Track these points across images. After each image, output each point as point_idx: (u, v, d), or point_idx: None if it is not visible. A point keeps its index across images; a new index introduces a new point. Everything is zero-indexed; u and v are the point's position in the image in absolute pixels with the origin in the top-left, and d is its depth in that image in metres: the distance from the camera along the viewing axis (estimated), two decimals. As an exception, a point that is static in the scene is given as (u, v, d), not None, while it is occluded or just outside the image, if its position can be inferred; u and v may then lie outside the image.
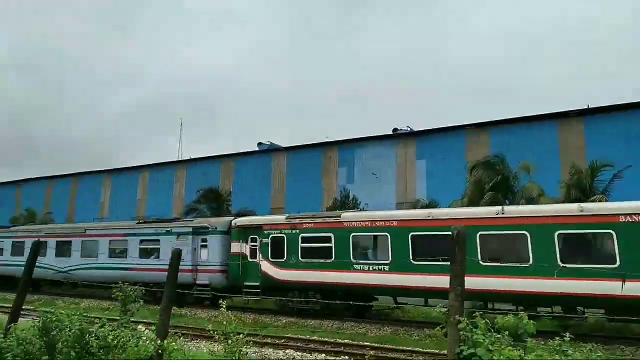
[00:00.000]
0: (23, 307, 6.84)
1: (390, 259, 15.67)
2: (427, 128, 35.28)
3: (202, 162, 45.03)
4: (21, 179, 57.85)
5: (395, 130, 36.68)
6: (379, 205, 29.00)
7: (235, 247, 20.04)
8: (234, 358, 5.19)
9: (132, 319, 6.35)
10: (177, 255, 5.81)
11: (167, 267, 5.73)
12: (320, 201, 35.27)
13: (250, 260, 19.53)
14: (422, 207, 23.94)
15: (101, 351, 5.40)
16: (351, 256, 16.63)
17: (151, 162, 48.26)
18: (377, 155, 36.44)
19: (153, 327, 6.02)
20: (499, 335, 4.13)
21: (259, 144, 44.56)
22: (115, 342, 5.47)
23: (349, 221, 17.31)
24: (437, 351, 10.02)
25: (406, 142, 35.81)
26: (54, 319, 5.72)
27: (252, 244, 19.64)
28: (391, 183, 35.36)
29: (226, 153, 43.59)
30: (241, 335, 5.30)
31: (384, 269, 15.71)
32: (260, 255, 19.22)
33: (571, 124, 30.56)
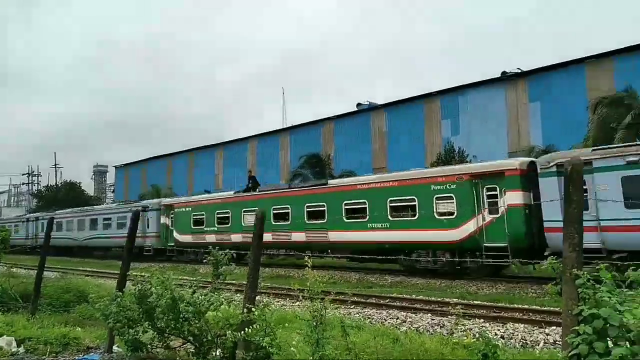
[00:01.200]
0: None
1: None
2: (538, 67, 31.85)
3: (304, 128, 45.55)
4: (146, 157, 63.46)
5: (504, 73, 33.61)
6: (490, 156, 26.64)
7: (163, 220, 29.20)
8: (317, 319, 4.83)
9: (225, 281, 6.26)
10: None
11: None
12: (423, 157, 33.90)
13: (170, 229, 28.35)
14: (536, 155, 21.71)
15: (194, 317, 5.38)
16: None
17: (256, 133, 49.94)
18: (483, 102, 33.83)
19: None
20: (631, 292, 3.27)
21: (358, 104, 43.84)
22: (206, 307, 5.43)
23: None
24: (557, 308, 8.95)
25: (516, 84, 32.73)
26: (148, 286, 5.80)
27: (170, 217, 28.58)
28: (501, 131, 32.76)
29: (325, 117, 43.50)
30: (326, 298, 4.90)
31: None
32: (172, 225, 28.24)
33: None
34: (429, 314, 10.02)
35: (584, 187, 13.26)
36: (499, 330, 8.60)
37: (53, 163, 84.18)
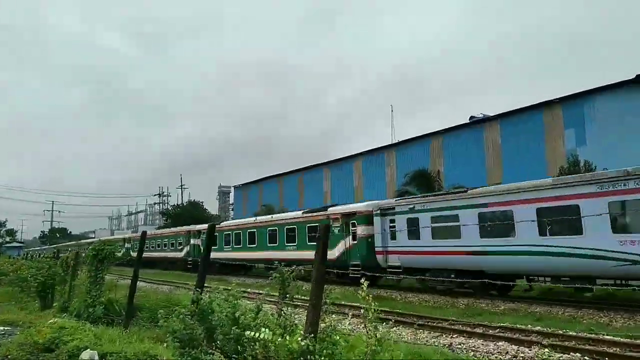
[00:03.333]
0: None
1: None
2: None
3: (410, 144, 44.23)
4: (261, 177, 66.37)
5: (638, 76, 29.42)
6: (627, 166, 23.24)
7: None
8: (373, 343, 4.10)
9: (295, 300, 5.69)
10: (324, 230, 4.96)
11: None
12: (544, 171, 30.74)
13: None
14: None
15: (255, 345, 4.83)
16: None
17: (362, 150, 49.64)
18: (616, 107, 29.87)
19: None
20: None
21: (471, 117, 41.58)
22: (269, 336, 4.88)
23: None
24: None
25: (655, 86, 28.43)
26: (209, 301, 5.41)
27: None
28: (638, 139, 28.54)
29: (433, 131, 41.82)
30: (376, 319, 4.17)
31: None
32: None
33: None
34: (546, 350, 8.46)
35: (393, 223, 20.07)
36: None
37: (181, 184, 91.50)
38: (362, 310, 4.31)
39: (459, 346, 8.99)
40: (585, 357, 7.79)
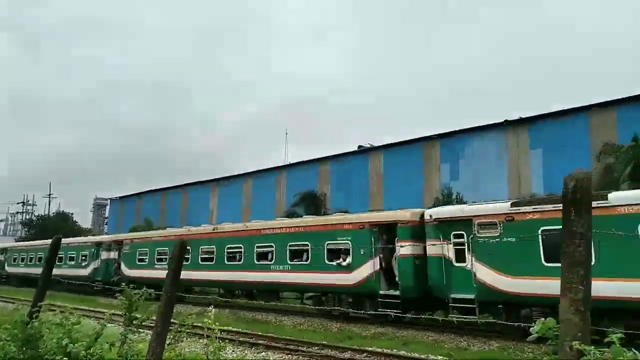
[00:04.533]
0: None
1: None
2: (540, 113, 31.21)
3: (301, 167, 44.78)
4: (141, 191, 62.53)
5: (506, 121, 32.93)
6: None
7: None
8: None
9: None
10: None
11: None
12: (421, 201, 32.76)
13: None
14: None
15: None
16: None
17: (252, 170, 49.19)
18: (485, 147, 33.02)
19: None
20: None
21: (359, 146, 43.24)
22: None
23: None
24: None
25: (518, 131, 32.01)
26: (38, 324, 4.61)
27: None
28: (502, 177, 31.77)
29: (322, 156, 42.79)
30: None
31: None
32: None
33: None
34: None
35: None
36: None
37: (49, 193, 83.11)
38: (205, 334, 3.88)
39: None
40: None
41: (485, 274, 12.95)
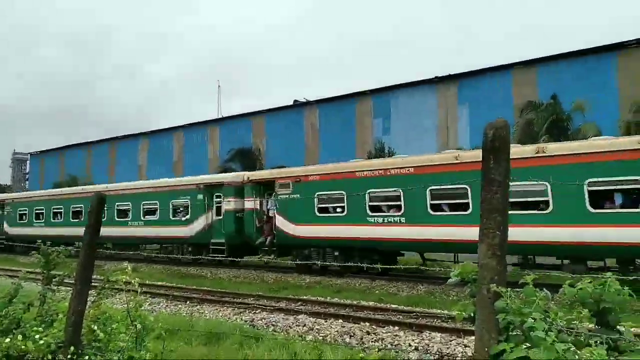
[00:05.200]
0: None
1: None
2: (468, 70, 32.19)
3: (234, 120, 43.78)
4: (64, 145, 58.72)
5: (436, 77, 33.70)
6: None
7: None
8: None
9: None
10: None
11: None
12: (354, 154, 33.28)
13: None
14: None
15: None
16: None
17: (184, 123, 47.43)
18: (415, 103, 33.81)
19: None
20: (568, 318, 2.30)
21: (295, 100, 42.71)
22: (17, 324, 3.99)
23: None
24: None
25: (447, 87, 32.96)
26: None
27: None
28: (431, 132, 32.84)
29: (256, 110, 41.98)
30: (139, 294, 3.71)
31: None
32: None
33: (630, 55, 26.90)
34: (340, 320, 8.99)
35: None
36: (413, 340, 7.71)
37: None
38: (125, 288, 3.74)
39: (260, 321, 9.01)
40: (373, 326, 8.48)
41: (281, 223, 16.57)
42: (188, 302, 11.28)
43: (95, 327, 3.62)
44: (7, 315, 4.09)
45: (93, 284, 4.08)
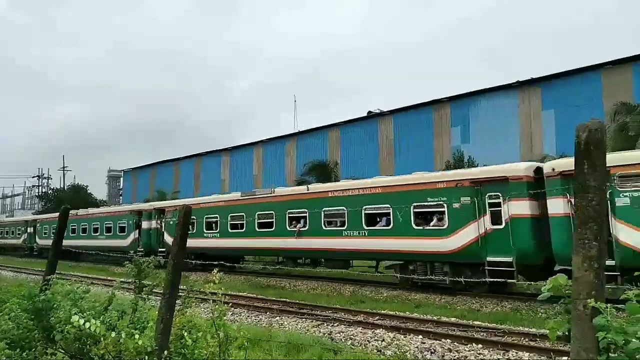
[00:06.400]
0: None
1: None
2: (552, 73, 30.41)
3: (310, 134, 44.47)
4: (154, 162, 62.82)
5: (518, 82, 32.19)
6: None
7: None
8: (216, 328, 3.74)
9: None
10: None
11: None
12: (431, 165, 32.51)
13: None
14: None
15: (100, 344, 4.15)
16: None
17: (263, 138, 48.98)
18: (496, 109, 32.44)
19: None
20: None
21: (369, 112, 42.70)
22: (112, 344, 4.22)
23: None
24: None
25: (529, 91, 31.34)
26: (45, 297, 4.63)
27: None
28: (514, 139, 31.30)
29: (331, 123, 42.39)
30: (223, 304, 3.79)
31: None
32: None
33: None
34: (420, 336, 8.73)
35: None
36: (499, 358, 7.30)
37: (63, 166, 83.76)
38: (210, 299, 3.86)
39: (338, 334, 8.99)
40: (455, 343, 8.14)
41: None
42: (268, 313, 11.52)
43: (185, 334, 3.77)
44: (104, 322, 4.36)
45: (180, 293, 4.27)
